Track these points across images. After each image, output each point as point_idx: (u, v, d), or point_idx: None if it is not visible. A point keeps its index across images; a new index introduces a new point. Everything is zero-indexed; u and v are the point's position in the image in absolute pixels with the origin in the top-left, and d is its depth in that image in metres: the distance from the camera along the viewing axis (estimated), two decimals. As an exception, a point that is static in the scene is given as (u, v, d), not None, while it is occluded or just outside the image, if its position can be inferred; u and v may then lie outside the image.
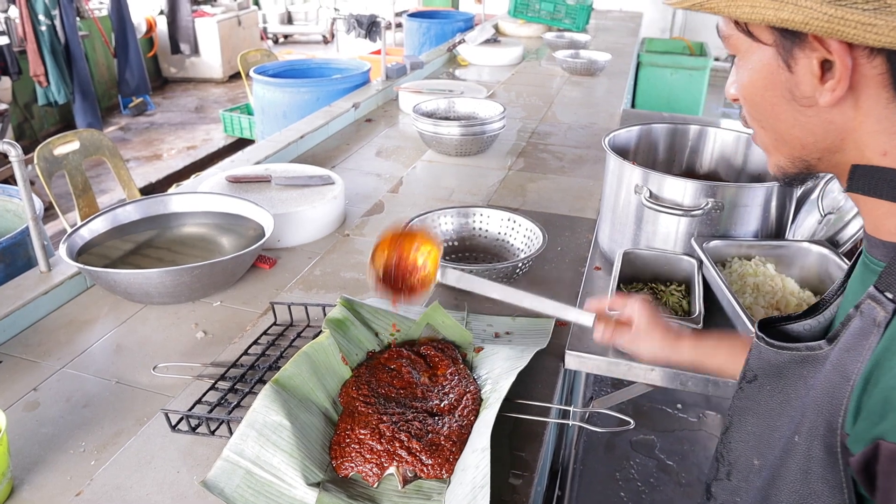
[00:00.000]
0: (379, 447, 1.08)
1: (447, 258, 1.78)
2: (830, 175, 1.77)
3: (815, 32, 0.61)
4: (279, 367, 1.18)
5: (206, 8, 8.67)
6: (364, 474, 1.07)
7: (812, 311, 0.84)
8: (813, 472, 0.70)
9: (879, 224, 0.69)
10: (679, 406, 3.13)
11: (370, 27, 3.60)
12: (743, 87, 0.73)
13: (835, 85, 0.64)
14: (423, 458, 1.06)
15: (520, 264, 1.61)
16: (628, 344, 1.17)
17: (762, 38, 0.68)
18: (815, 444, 0.69)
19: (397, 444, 1.08)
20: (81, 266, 1.51)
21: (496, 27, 5.35)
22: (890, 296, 0.63)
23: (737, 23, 0.69)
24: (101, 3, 7.34)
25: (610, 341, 1.19)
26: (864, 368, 0.64)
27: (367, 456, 1.07)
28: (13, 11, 5.71)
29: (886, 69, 0.62)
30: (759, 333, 0.81)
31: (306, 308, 1.51)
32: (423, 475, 1.06)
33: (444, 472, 1.06)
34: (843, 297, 0.80)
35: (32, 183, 3.59)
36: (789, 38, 0.65)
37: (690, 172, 1.88)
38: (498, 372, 1.24)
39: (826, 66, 0.64)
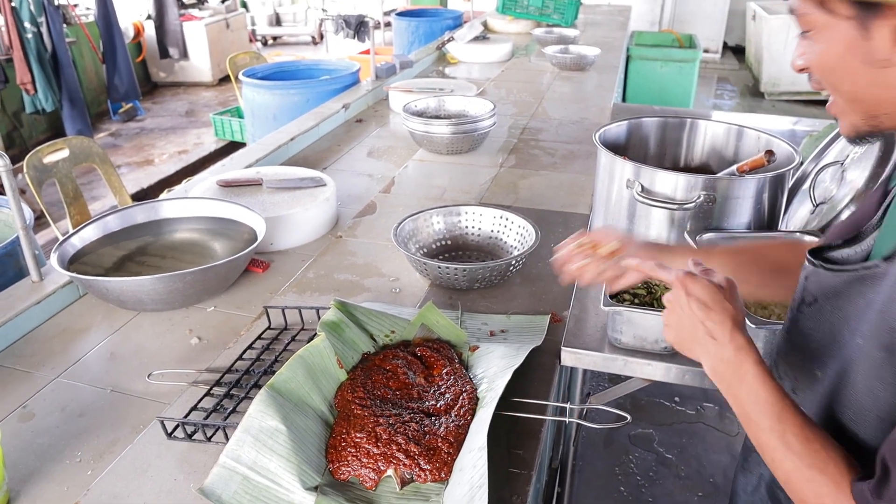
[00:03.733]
0: (376, 451, 1.07)
1: (440, 258, 1.78)
2: (823, 165, 1.78)
3: (890, 2, 0.74)
4: (274, 372, 1.18)
5: (193, 11, 8.64)
6: (362, 478, 1.07)
7: (851, 241, 0.91)
8: (870, 372, 0.78)
9: None
10: (677, 399, 3.14)
11: (358, 27, 3.59)
12: (819, 57, 0.83)
13: None
14: (422, 462, 1.06)
15: (513, 262, 1.60)
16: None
17: (840, 13, 0.79)
18: (874, 346, 0.76)
19: (394, 447, 1.07)
20: (73, 275, 1.50)
21: (485, 24, 5.35)
22: None
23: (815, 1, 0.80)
24: (87, 8, 7.30)
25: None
26: None
27: (364, 460, 1.07)
28: (-2, 20, 5.68)
29: None
30: (815, 260, 0.91)
31: (300, 311, 1.50)
32: (420, 479, 1.06)
33: (442, 474, 1.06)
34: (880, 231, 0.88)
35: (23, 192, 3.58)
36: (869, 11, 0.77)
37: (682, 165, 1.88)
38: (494, 370, 1.24)
39: None
